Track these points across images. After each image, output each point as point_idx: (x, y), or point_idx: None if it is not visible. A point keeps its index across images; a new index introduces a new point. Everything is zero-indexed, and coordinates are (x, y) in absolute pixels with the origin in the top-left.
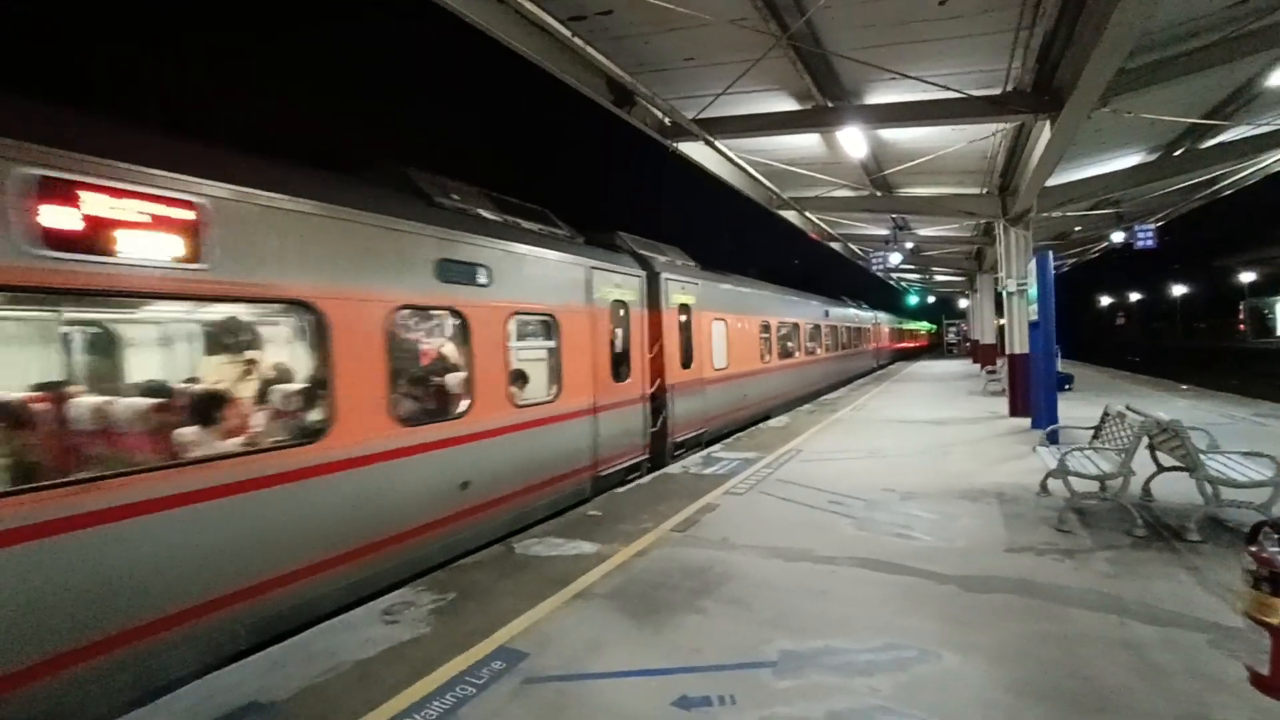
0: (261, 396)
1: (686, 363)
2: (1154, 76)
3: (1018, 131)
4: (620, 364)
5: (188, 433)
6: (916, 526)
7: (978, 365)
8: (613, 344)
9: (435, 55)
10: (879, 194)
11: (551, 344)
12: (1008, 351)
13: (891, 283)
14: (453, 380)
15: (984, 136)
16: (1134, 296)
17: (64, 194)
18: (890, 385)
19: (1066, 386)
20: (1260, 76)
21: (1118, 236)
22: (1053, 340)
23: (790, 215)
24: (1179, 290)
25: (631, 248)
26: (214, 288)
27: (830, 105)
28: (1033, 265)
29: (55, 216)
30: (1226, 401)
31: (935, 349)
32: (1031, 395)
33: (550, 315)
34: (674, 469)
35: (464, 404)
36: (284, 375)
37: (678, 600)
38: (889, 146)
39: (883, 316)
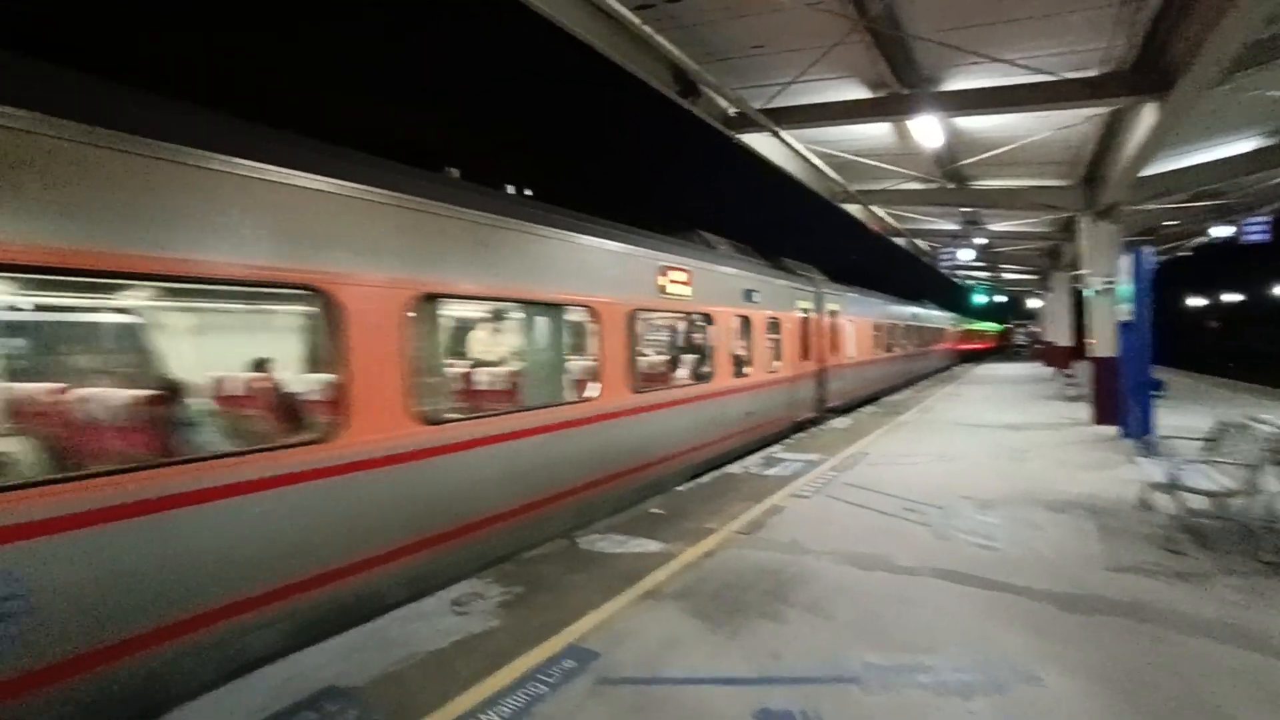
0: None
1: (833, 352)
2: None
3: (1111, 117)
4: (806, 351)
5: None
6: (999, 537)
7: (1050, 368)
8: (803, 337)
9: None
10: (951, 186)
11: (778, 336)
12: (1092, 354)
13: (957, 280)
14: (744, 354)
15: (1072, 124)
16: (1227, 297)
17: None
18: (956, 388)
19: (1158, 393)
20: None
21: (1222, 230)
22: (1148, 342)
23: (854, 209)
24: None
25: (792, 268)
26: (693, 306)
27: (906, 93)
28: (1126, 261)
29: None
30: None
31: (1002, 351)
32: (1121, 401)
33: (777, 319)
34: (735, 469)
35: (746, 369)
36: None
37: (752, 603)
38: (965, 136)
39: (950, 316)
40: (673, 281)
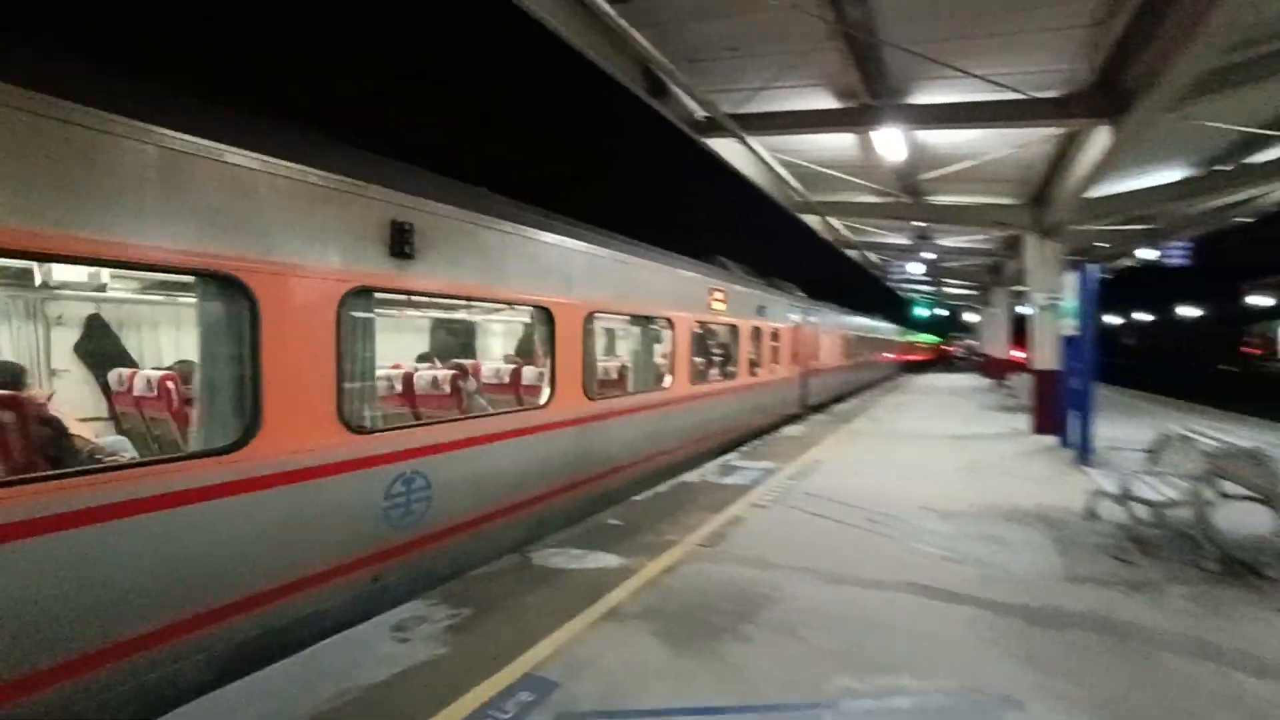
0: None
1: (813, 359)
2: (1240, 76)
3: (1064, 139)
4: (796, 357)
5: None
6: (963, 549)
7: (988, 380)
8: (794, 345)
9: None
10: (908, 200)
11: (778, 344)
12: (1034, 366)
13: (902, 294)
14: (757, 358)
15: (1029, 143)
16: (1144, 316)
17: None
18: (901, 397)
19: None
20: None
21: (1148, 253)
22: (1091, 357)
23: (812, 219)
24: (1191, 312)
25: (781, 285)
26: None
27: (874, 104)
28: (1071, 278)
29: None
30: (1255, 427)
31: (941, 362)
32: (1060, 413)
33: (778, 330)
34: (691, 477)
35: (758, 369)
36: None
37: (720, 625)
38: (927, 151)
39: (896, 328)
40: (715, 300)
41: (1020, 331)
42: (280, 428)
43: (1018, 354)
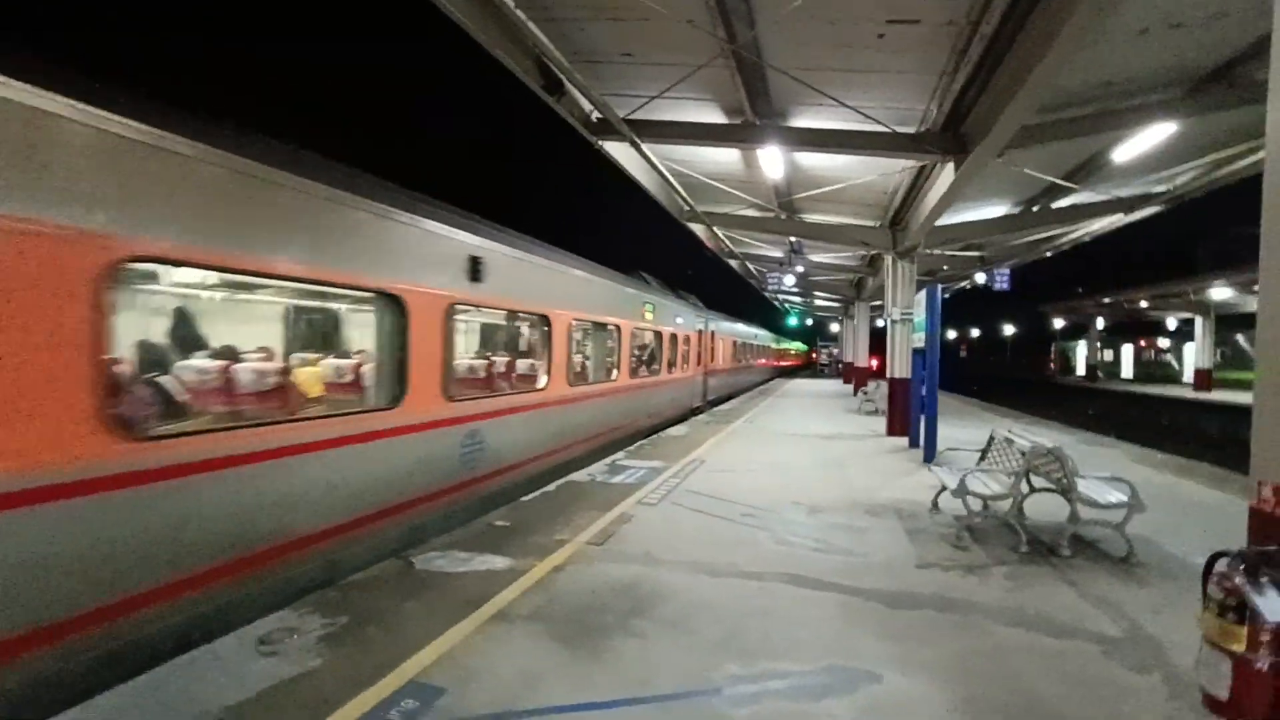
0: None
1: (711, 361)
2: (1045, 134)
3: (919, 171)
4: (700, 359)
5: None
6: (831, 540)
7: (850, 385)
8: (698, 349)
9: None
10: (784, 216)
11: (688, 347)
12: (889, 375)
13: (777, 303)
14: (673, 358)
15: (891, 171)
16: (974, 332)
17: None
18: (775, 401)
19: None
20: (1106, 151)
21: (980, 277)
22: (937, 367)
23: (697, 228)
24: (1009, 329)
25: (686, 297)
26: (653, 326)
27: (758, 123)
28: (922, 296)
29: None
30: (1052, 429)
31: (809, 368)
32: (910, 416)
33: (689, 335)
34: (580, 476)
35: (674, 369)
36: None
37: (611, 622)
38: (802, 171)
39: (772, 336)
40: (646, 311)
41: (878, 341)
42: (415, 394)
43: (875, 363)
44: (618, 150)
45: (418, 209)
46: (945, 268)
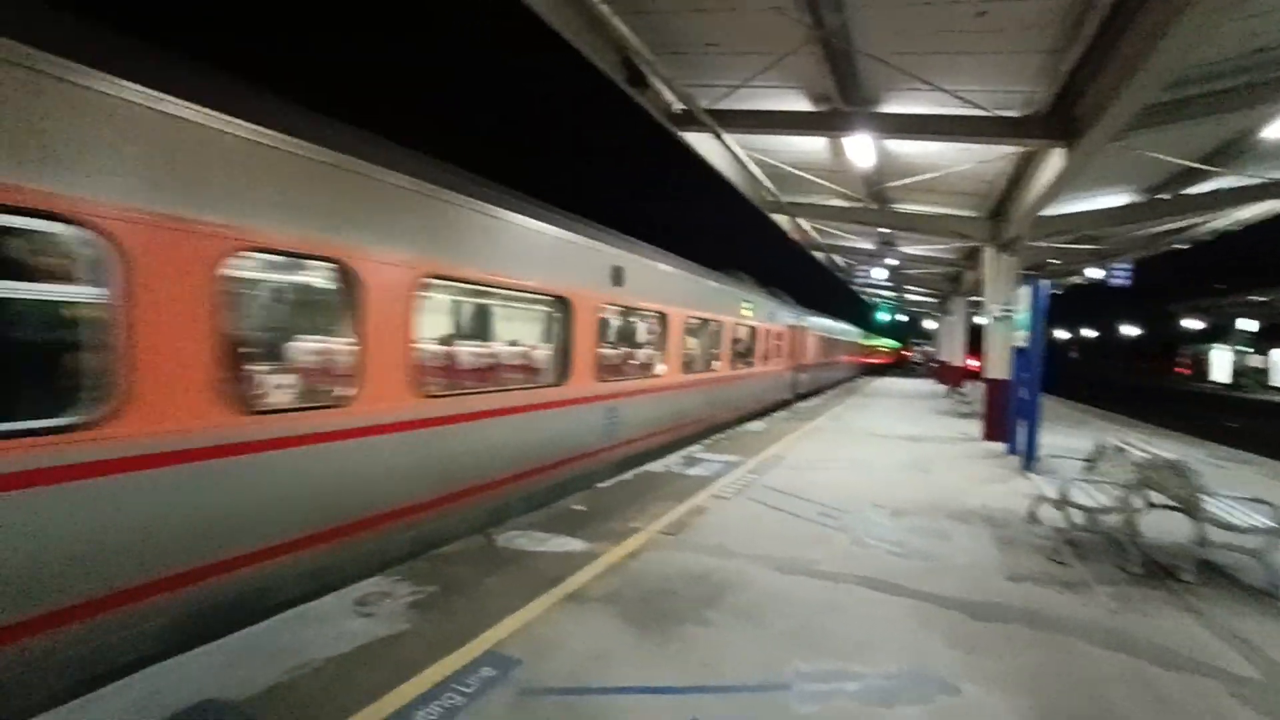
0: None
1: (803, 356)
2: (1177, 113)
3: (1022, 158)
4: (792, 353)
5: None
6: (911, 545)
7: (943, 386)
8: (790, 343)
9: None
10: (875, 206)
11: (781, 342)
12: (986, 376)
13: (865, 297)
14: (769, 351)
15: (991, 159)
16: (1089, 332)
17: None
18: (860, 399)
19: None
20: (1255, 129)
21: (1095, 272)
22: (1040, 367)
23: (781, 219)
24: (1131, 330)
25: (778, 294)
26: (751, 323)
27: (847, 110)
28: (1025, 291)
29: None
30: (1180, 442)
31: (899, 366)
32: (1010, 421)
33: (782, 331)
34: (656, 467)
35: (771, 361)
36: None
37: (681, 609)
38: (894, 159)
39: (859, 332)
40: (744, 308)
41: (975, 340)
42: (576, 375)
43: (973, 362)
44: (700, 141)
45: (576, 229)
46: (1054, 261)
